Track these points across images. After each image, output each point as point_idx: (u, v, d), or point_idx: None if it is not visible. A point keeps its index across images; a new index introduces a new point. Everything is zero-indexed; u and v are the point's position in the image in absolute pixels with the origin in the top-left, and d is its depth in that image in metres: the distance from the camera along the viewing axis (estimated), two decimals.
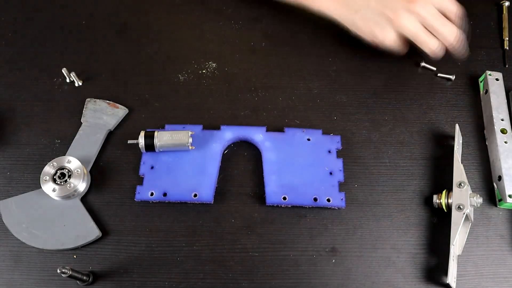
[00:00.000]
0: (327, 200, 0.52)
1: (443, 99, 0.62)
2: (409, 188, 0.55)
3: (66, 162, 0.52)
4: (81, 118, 0.58)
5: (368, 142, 0.58)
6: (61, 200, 0.52)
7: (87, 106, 0.58)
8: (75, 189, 0.51)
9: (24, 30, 0.67)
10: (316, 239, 0.52)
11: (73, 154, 0.55)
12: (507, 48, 0.66)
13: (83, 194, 0.53)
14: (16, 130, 0.58)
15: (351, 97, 0.62)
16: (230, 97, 0.61)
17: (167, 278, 0.49)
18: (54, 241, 0.50)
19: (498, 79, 0.61)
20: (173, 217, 0.53)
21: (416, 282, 0.50)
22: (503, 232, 0.53)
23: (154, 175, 0.54)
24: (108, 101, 0.59)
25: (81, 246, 0.50)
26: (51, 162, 0.53)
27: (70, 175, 0.52)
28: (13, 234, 0.50)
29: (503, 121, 0.58)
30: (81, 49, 0.65)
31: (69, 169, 0.52)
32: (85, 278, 0.47)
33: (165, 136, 0.54)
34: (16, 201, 0.52)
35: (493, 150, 0.57)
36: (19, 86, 0.61)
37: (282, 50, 0.65)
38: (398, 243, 0.52)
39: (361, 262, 0.51)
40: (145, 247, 0.51)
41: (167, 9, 0.69)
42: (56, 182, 0.51)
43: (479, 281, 0.50)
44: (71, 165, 0.52)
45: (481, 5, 0.71)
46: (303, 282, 0.50)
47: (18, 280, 0.49)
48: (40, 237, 0.50)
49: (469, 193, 0.51)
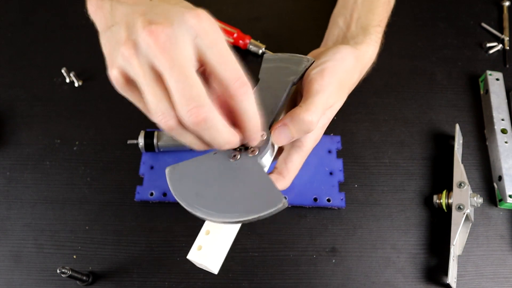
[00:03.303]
0: (327, 200, 0.52)
1: (443, 99, 0.62)
2: (409, 188, 0.55)
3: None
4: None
5: (368, 142, 0.58)
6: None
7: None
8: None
9: (24, 30, 0.67)
10: (316, 239, 0.52)
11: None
12: (507, 48, 0.66)
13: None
14: (16, 130, 0.58)
15: (351, 97, 0.62)
16: None
17: (167, 278, 0.49)
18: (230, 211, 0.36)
19: (498, 79, 0.61)
20: (173, 217, 0.53)
21: (416, 282, 0.50)
22: (503, 232, 0.53)
23: (154, 175, 0.54)
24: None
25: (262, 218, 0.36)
26: None
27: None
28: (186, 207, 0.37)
29: (504, 121, 0.58)
30: (81, 49, 0.65)
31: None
32: (85, 278, 0.47)
33: (165, 136, 0.54)
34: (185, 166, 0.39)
35: (494, 150, 0.57)
36: (19, 86, 0.61)
37: (282, 50, 0.65)
38: (398, 243, 0.52)
39: (361, 262, 0.51)
40: (145, 247, 0.51)
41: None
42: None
43: (479, 281, 0.50)
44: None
45: (481, 5, 0.71)
46: (303, 282, 0.50)
47: (18, 280, 0.49)
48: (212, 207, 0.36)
49: (470, 193, 0.51)
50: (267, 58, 0.46)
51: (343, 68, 0.41)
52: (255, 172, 0.37)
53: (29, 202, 0.53)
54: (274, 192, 0.35)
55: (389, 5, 0.52)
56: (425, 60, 0.65)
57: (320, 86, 0.39)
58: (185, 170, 0.39)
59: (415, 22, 0.69)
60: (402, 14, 0.68)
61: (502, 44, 0.66)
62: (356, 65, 0.43)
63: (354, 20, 0.50)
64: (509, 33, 0.67)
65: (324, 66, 0.40)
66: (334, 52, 0.42)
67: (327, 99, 0.39)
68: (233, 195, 0.36)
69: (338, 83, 0.40)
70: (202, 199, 0.36)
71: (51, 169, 0.55)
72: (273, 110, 0.41)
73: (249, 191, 0.36)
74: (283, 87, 0.42)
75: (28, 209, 0.53)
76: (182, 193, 0.37)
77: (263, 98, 0.42)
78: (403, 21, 0.69)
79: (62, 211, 0.53)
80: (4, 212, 0.53)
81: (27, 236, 0.51)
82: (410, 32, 0.68)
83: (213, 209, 0.35)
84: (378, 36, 0.48)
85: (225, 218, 0.35)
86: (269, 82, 0.44)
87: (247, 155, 0.38)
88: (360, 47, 0.45)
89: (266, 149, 0.38)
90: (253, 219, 0.34)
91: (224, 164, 0.38)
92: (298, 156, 0.41)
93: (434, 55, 0.65)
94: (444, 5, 0.71)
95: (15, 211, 0.53)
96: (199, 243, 0.37)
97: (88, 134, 0.58)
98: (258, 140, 0.36)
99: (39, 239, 0.51)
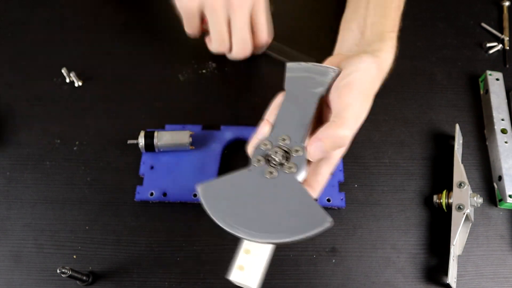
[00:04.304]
0: (327, 200, 0.52)
1: (443, 99, 0.62)
2: (409, 188, 0.55)
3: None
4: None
5: (368, 142, 0.58)
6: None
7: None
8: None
9: (24, 30, 0.67)
10: (316, 239, 0.52)
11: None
12: (507, 48, 0.66)
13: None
14: (16, 130, 0.58)
15: None
16: (230, 97, 0.61)
17: (167, 278, 0.49)
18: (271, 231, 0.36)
19: (498, 79, 0.61)
20: (173, 217, 0.53)
21: (416, 282, 0.50)
22: (503, 232, 0.53)
23: (154, 175, 0.54)
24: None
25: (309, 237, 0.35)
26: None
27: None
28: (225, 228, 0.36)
29: (504, 121, 0.58)
30: (81, 49, 0.65)
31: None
32: (85, 278, 0.47)
33: (165, 136, 0.54)
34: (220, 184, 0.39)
35: (494, 150, 0.57)
36: (19, 86, 0.61)
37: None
38: (398, 243, 0.52)
39: (361, 262, 0.51)
40: (145, 247, 0.51)
41: (167, 9, 0.69)
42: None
43: (479, 281, 0.50)
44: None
45: (481, 5, 0.71)
46: (303, 282, 0.50)
47: (18, 280, 0.49)
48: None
49: (469, 193, 0.51)
50: (291, 67, 0.45)
51: (368, 79, 0.41)
52: (296, 190, 0.36)
53: (29, 202, 0.53)
54: (319, 211, 0.34)
55: (400, 9, 0.52)
56: (425, 60, 0.65)
57: (350, 100, 0.39)
58: (219, 188, 0.38)
59: (414, 22, 0.69)
60: (401, 14, 0.68)
61: (502, 44, 0.66)
62: (379, 74, 0.43)
63: (368, 26, 0.49)
64: (509, 33, 0.67)
65: (352, 78, 0.40)
66: (358, 62, 0.42)
67: (358, 113, 0.39)
68: (274, 214, 0.35)
69: (365, 94, 0.40)
70: (241, 219, 0.35)
71: (51, 169, 0.55)
72: (304, 124, 0.40)
73: (293, 211, 0.35)
74: (311, 100, 0.41)
75: (28, 209, 0.53)
76: (219, 213, 0.36)
77: (292, 112, 0.41)
78: (403, 21, 0.68)
79: (62, 211, 0.53)
80: (4, 212, 0.53)
81: (27, 236, 0.51)
82: (409, 32, 0.68)
83: (255, 229, 0.34)
84: (393, 42, 0.48)
85: (269, 239, 0.34)
86: (296, 94, 0.43)
87: (283, 172, 0.37)
88: (380, 54, 0.45)
89: (303, 165, 0.37)
90: (300, 239, 0.33)
91: (261, 182, 0.37)
92: (327, 168, 0.41)
93: (433, 55, 0.66)
94: (444, 5, 0.71)
95: (15, 211, 0.53)
96: (240, 263, 0.36)
97: (88, 134, 0.58)
98: (266, 38, 0.57)
99: (39, 239, 0.51)
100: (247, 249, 0.37)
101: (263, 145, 0.39)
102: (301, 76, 0.44)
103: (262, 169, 0.38)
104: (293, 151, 0.38)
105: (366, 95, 0.41)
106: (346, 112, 0.38)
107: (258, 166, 0.38)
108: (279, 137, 0.40)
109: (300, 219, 0.34)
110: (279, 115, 0.42)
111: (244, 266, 0.36)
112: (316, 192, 0.41)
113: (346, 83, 0.40)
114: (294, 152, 0.38)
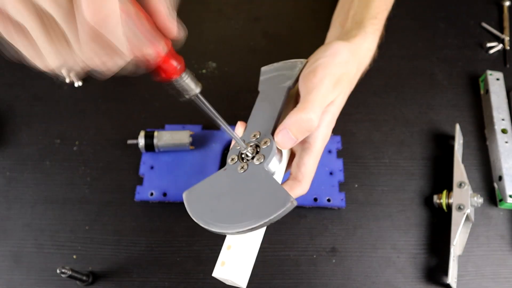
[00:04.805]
0: (327, 200, 0.52)
1: (443, 99, 0.62)
2: (409, 188, 0.55)
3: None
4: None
5: (368, 142, 0.58)
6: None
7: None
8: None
9: None
10: (316, 239, 0.52)
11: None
12: (507, 47, 0.66)
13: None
14: (16, 130, 0.58)
15: (351, 97, 0.62)
16: (230, 97, 0.61)
17: (167, 278, 0.49)
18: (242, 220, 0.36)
19: (498, 79, 0.61)
20: (173, 217, 0.53)
21: (416, 282, 0.50)
22: (503, 232, 0.53)
23: (154, 175, 0.54)
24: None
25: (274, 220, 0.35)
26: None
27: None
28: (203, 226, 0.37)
29: (504, 121, 0.58)
30: None
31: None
32: (85, 278, 0.47)
33: (165, 136, 0.54)
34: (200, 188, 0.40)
35: (494, 150, 0.57)
36: (19, 86, 0.61)
37: (282, 50, 0.65)
38: (398, 243, 0.52)
39: (361, 262, 0.51)
40: (145, 247, 0.51)
41: None
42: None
43: (479, 281, 0.50)
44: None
45: (481, 5, 0.71)
46: (303, 282, 0.50)
47: (18, 280, 0.49)
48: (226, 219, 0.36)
49: (470, 193, 0.51)
50: (264, 70, 0.46)
51: (336, 63, 0.41)
52: (263, 178, 0.37)
53: (29, 202, 0.53)
54: (281, 193, 0.35)
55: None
56: (425, 60, 0.65)
57: (313, 84, 0.39)
58: (199, 191, 0.39)
59: (415, 23, 0.69)
60: (402, 14, 0.68)
61: (502, 44, 0.66)
62: (351, 58, 0.43)
63: (349, 17, 0.49)
64: (509, 33, 0.67)
65: (316, 64, 0.40)
66: (326, 49, 0.42)
67: (323, 95, 0.39)
68: (244, 204, 0.36)
69: (334, 78, 0.40)
70: (217, 215, 0.36)
71: (51, 169, 0.55)
72: (273, 117, 0.41)
73: (259, 197, 0.36)
74: (280, 94, 0.42)
75: (28, 209, 0.53)
76: (198, 213, 0.37)
77: (263, 109, 0.42)
78: (403, 21, 0.68)
79: (62, 211, 0.53)
80: (4, 212, 0.53)
81: (27, 236, 0.51)
82: (410, 32, 0.68)
83: (227, 222, 0.35)
84: (374, 27, 0.47)
85: (237, 228, 0.35)
86: (267, 93, 0.44)
87: (253, 164, 0.38)
88: (354, 40, 0.44)
89: (271, 154, 0.38)
90: (265, 223, 0.34)
91: (234, 177, 0.39)
92: (309, 158, 0.40)
93: (434, 55, 0.65)
94: (444, 5, 0.71)
95: (15, 211, 0.53)
96: (222, 259, 0.36)
97: (88, 134, 0.58)
98: (173, 24, 0.30)
99: (39, 239, 0.51)
100: (228, 245, 0.38)
101: (236, 145, 0.41)
102: (272, 75, 0.45)
103: (235, 166, 0.39)
104: (262, 144, 0.39)
105: (335, 79, 0.40)
106: (309, 96, 0.38)
107: (232, 164, 0.40)
108: (251, 134, 0.41)
109: (265, 204, 0.35)
110: (252, 115, 0.43)
111: (225, 261, 0.36)
112: (303, 184, 0.40)
113: (311, 69, 0.40)
114: (263, 144, 0.39)
